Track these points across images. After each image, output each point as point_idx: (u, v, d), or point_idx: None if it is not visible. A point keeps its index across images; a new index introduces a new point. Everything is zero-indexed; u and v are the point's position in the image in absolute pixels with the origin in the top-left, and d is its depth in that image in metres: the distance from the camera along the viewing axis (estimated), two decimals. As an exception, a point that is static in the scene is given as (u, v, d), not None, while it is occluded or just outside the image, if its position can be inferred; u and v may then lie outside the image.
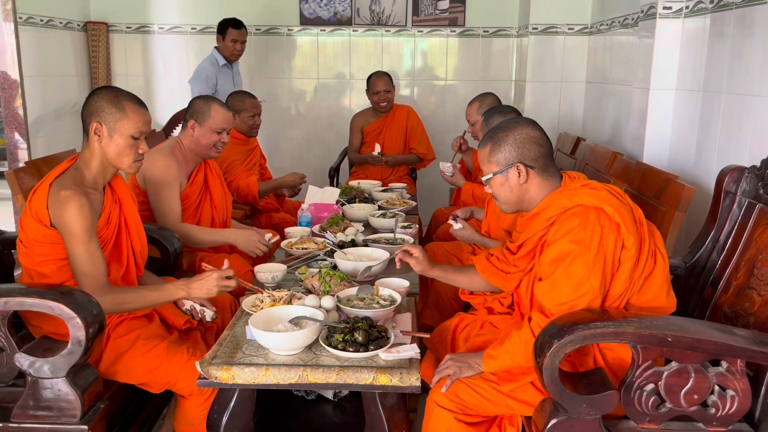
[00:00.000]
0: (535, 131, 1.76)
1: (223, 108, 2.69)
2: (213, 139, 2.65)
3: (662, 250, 1.72)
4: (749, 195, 1.92)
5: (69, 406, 1.62)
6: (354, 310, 1.87)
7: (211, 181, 2.76)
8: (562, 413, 1.49)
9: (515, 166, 1.74)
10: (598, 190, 1.69)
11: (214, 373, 1.64)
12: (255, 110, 3.47)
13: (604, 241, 1.61)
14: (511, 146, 1.74)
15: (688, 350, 1.46)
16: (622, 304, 1.68)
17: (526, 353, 1.61)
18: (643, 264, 1.66)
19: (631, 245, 1.62)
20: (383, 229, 2.89)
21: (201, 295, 1.93)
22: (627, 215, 1.64)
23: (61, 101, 4.47)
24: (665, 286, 1.70)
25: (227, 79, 4.29)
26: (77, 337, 1.59)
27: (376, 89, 4.15)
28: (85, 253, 1.83)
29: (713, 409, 1.50)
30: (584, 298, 1.59)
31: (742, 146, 2.46)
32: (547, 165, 1.76)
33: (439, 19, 4.89)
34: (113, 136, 1.90)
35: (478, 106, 3.16)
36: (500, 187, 1.78)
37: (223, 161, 3.37)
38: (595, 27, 4.32)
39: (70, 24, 4.57)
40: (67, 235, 1.83)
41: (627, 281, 1.65)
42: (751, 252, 1.83)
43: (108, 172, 1.97)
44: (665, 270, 1.70)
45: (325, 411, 2.01)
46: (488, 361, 1.68)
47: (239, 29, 4.21)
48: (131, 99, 1.95)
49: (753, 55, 2.40)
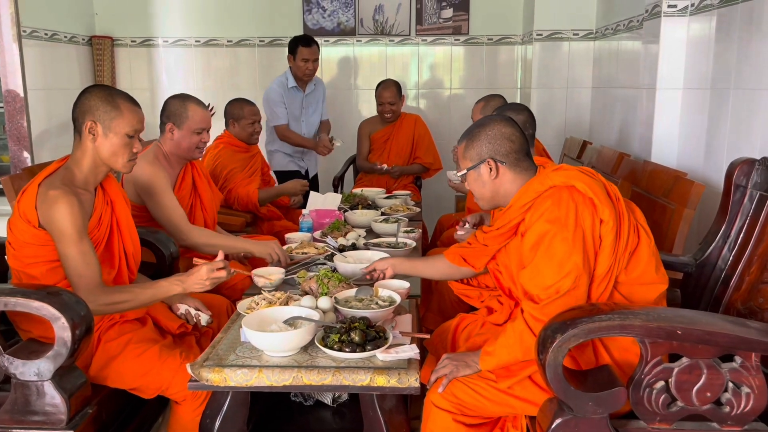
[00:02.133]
0: (508, 128, 1.77)
1: (200, 107, 2.61)
2: (194, 141, 2.57)
3: (644, 226, 1.67)
4: (761, 187, 1.85)
5: (55, 410, 1.57)
6: (351, 311, 1.81)
7: (199, 183, 2.69)
8: (568, 412, 1.42)
9: (486, 161, 1.76)
10: (568, 171, 1.68)
11: (205, 375, 1.58)
12: (254, 117, 3.42)
13: (580, 217, 1.58)
14: (482, 142, 1.77)
15: (699, 344, 1.38)
16: (611, 282, 1.62)
17: (522, 345, 1.57)
18: (626, 238, 1.62)
19: (608, 218, 1.59)
20: (386, 235, 2.83)
21: (196, 289, 1.87)
22: (599, 190, 1.62)
23: (66, 116, 4.40)
24: (653, 261, 1.65)
25: (295, 103, 4.10)
26: (63, 339, 1.54)
27: (381, 100, 4.13)
28: (77, 253, 1.78)
29: (727, 408, 1.42)
30: (569, 277, 1.55)
31: (752, 141, 2.39)
32: (519, 160, 1.76)
33: (443, 27, 4.87)
34: (108, 134, 1.87)
35: (483, 105, 3.12)
36: (474, 183, 1.81)
37: (223, 169, 3.34)
38: (600, 32, 4.28)
39: (75, 38, 4.59)
40: (58, 236, 1.78)
41: (611, 257, 1.60)
42: (764, 246, 1.76)
43: (100, 172, 1.93)
44: (650, 245, 1.66)
45: (323, 417, 1.95)
46: (485, 358, 1.64)
47: (310, 47, 3.95)
48: (125, 97, 1.92)
49: (761, 49, 2.34)
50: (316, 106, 4.24)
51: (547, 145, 3.32)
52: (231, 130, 3.44)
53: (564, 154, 4.21)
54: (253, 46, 4.93)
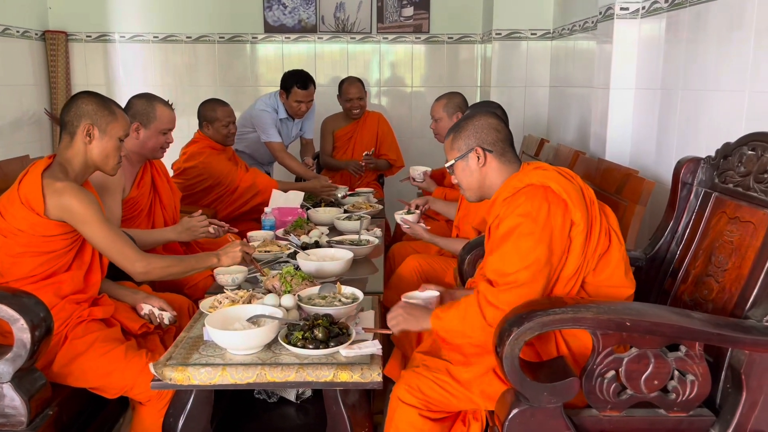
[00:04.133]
0: (493, 119, 1.85)
1: (168, 107, 2.60)
2: (160, 141, 2.56)
3: (617, 230, 1.73)
4: (705, 185, 1.94)
5: (15, 412, 1.55)
6: (315, 308, 1.83)
7: (159, 182, 2.68)
8: (524, 402, 1.47)
9: (474, 149, 1.81)
10: (547, 171, 1.73)
11: (168, 374, 1.59)
12: (228, 119, 3.38)
13: (551, 216, 1.62)
14: (470, 132, 1.83)
15: (647, 335, 1.45)
16: (578, 282, 1.67)
17: (465, 320, 1.61)
18: (596, 241, 1.67)
19: (579, 220, 1.63)
20: (348, 232, 2.86)
21: (229, 263, 2.08)
22: (574, 193, 1.66)
23: (19, 111, 4.37)
24: (621, 264, 1.70)
25: (287, 130, 4.02)
26: (22, 340, 1.52)
27: (348, 96, 4.12)
28: (108, 231, 1.89)
29: (674, 395, 1.50)
30: (528, 270, 1.58)
31: (699, 140, 2.50)
32: (505, 150, 1.83)
33: (404, 26, 4.91)
34: (104, 138, 1.97)
35: (445, 103, 3.18)
36: (462, 173, 1.85)
37: (218, 173, 3.32)
38: (557, 32, 4.38)
39: (28, 33, 4.47)
40: (83, 221, 1.86)
41: (580, 257, 1.65)
42: (708, 240, 1.85)
43: (87, 173, 2.01)
44: (621, 250, 1.71)
45: (287, 413, 1.97)
46: (434, 321, 1.69)
47: (306, 89, 3.77)
48: (116, 103, 2.05)
49: (707, 51, 2.44)
50: (298, 126, 4.15)
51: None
52: (205, 132, 3.39)
53: (522, 152, 4.29)
54: (212, 42, 4.88)
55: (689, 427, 1.52)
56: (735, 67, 2.25)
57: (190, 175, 3.31)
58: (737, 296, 1.64)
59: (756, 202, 1.68)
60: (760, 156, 1.70)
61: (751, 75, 2.16)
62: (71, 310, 1.90)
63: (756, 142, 1.73)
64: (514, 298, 1.56)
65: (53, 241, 1.89)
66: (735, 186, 1.79)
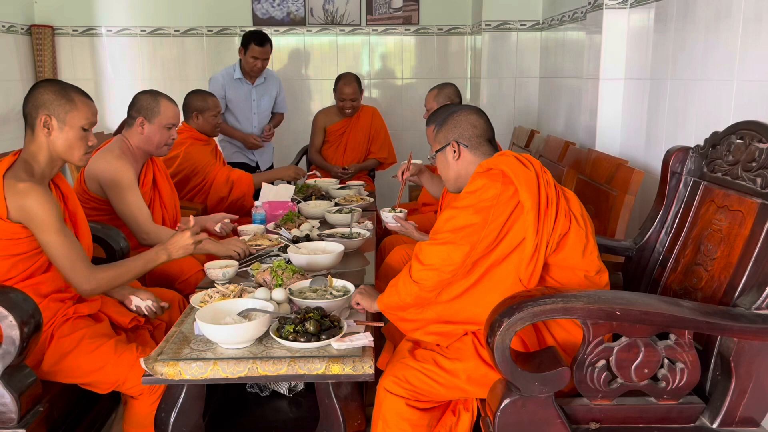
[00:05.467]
0: (472, 115, 1.94)
1: (172, 103, 2.60)
2: (165, 136, 2.55)
3: (576, 214, 1.73)
4: (694, 174, 1.95)
5: (5, 409, 1.54)
6: (306, 302, 1.83)
7: (159, 179, 2.66)
8: (515, 392, 1.48)
9: (450, 143, 1.92)
10: (507, 157, 1.77)
11: (159, 369, 1.58)
12: (217, 109, 3.39)
13: (498, 195, 1.67)
14: (449, 126, 1.94)
15: (636, 324, 1.46)
16: (539, 263, 1.67)
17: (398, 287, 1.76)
18: (552, 222, 1.67)
19: (526, 200, 1.66)
20: (339, 225, 2.85)
21: (180, 255, 2.02)
22: (524, 176, 1.68)
23: (5, 107, 4.32)
24: (578, 247, 1.70)
25: (240, 94, 4.05)
26: (11, 337, 1.51)
27: (342, 96, 4.09)
28: (62, 239, 1.81)
29: (663, 383, 1.51)
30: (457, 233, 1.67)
31: (687, 129, 2.51)
32: (480, 144, 1.92)
33: (393, 17, 4.90)
34: (64, 128, 1.87)
35: (436, 94, 3.21)
36: (441, 165, 1.97)
37: (197, 163, 3.29)
38: (547, 22, 4.38)
39: (13, 27, 4.42)
40: (39, 225, 1.79)
41: (535, 237, 1.64)
42: (697, 229, 1.86)
43: (55, 166, 1.92)
44: (578, 233, 1.71)
45: (279, 406, 1.97)
46: (379, 303, 1.83)
47: (262, 46, 3.89)
48: (78, 90, 1.93)
49: (695, 41, 2.45)
50: (269, 100, 4.19)
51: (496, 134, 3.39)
52: (193, 123, 3.37)
53: (513, 143, 4.31)
54: (201, 35, 4.86)
55: (679, 414, 1.53)
56: (723, 56, 2.26)
57: (173, 164, 3.29)
58: (726, 284, 1.65)
59: (744, 190, 1.69)
60: (748, 145, 1.70)
61: (739, 64, 2.17)
62: (55, 309, 1.86)
63: (744, 131, 1.74)
64: (436, 252, 1.69)
65: (19, 244, 1.81)
66: (723, 175, 1.80)
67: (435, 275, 1.69)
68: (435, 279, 1.69)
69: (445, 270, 1.68)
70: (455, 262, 1.67)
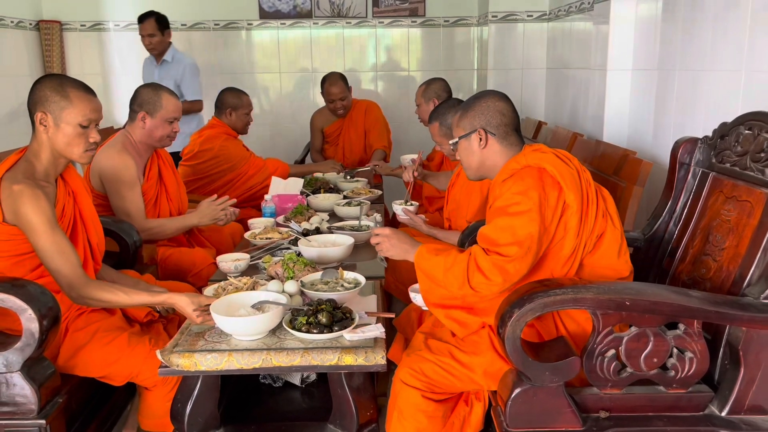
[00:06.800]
0: (501, 102, 1.85)
1: (173, 96, 2.61)
2: (167, 130, 2.57)
3: (612, 215, 1.75)
4: (703, 165, 1.96)
5: (25, 401, 1.58)
6: (318, 294, 1.85)
7: (165, 173, 2.69)
8: (526, 382, 1.50)
9: (477, 131, 1.83)
10: (545, 153, 1.76)
11: (175, 361, 1.61)
12: (250, 107, 3.50)
13: (545, 197, 1.65)
14: (475, 113, 1.85)
15: (646, 314, 1.48)
16: (575, 263, 1.69)
17: (450, 271, 1.66)
18: (592, 223, 1.69)
19: (572, 202, 1.66)
20: (348, 218, 2.87)
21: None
22: (568, 175, 1.69)
23: (15, 102, 4.34)
24: (614, 247, 1.73)
25: (146, 73, 4.24)
26: (30, 330, 1.54)
27: (330, 97, 4.08)
28: (51, 244, 1.77)
29: (672, 372, 1.52)
30: (520, 246, 1.60)
31: (696, 120, 2.51)
32: (508, 134, 1.84)
33: (400, 9, 4.89)
34: (60, 125, 1.84)
35: (423, 89, 3.30)
36: (464, 151, 1.88)
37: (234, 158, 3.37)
38: (553, 13, 4.36)
39: (22, 23, 4.45)
40: (29, 229, 1.77)
41: (575, 239, 1.67)
42: (705, 220, 1.87)
43: (59, 163, 1.91)
44: (614, 233, 1.73)
45: (292, 397, 1.99)
46: (419, 258, 1.76)
47: (142, 22, 4.05)
48: (76, 86, 1.88)
49: (704, 31, 2.45)
50: (171, 83, 4.02)
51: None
52: (226, 119, 3.44)
53: (520, 135, 4.30)
54: (207, 29, 4.87)
55: (688, 403, 1.55)
56: (732, 46, 2.26)
57: (204, 157, 3.34)
58: (735, 274, 1.66)
59: (753, 181, 1.70)
60: (756, 135, 1.71)
61: (747, 54, 2.17)
62: (69, 303, 1.87)
63: (753, 122, 1.74)
64: (502, 271, 1.60)
65: (21, 244, 1.81)
66: (732, 165, 1.80)
67: (497, 289, 1.63)
68: (496, 291, 1.64)
69: (510, 283, 1.63)
70: (521, 275, 1.63)
